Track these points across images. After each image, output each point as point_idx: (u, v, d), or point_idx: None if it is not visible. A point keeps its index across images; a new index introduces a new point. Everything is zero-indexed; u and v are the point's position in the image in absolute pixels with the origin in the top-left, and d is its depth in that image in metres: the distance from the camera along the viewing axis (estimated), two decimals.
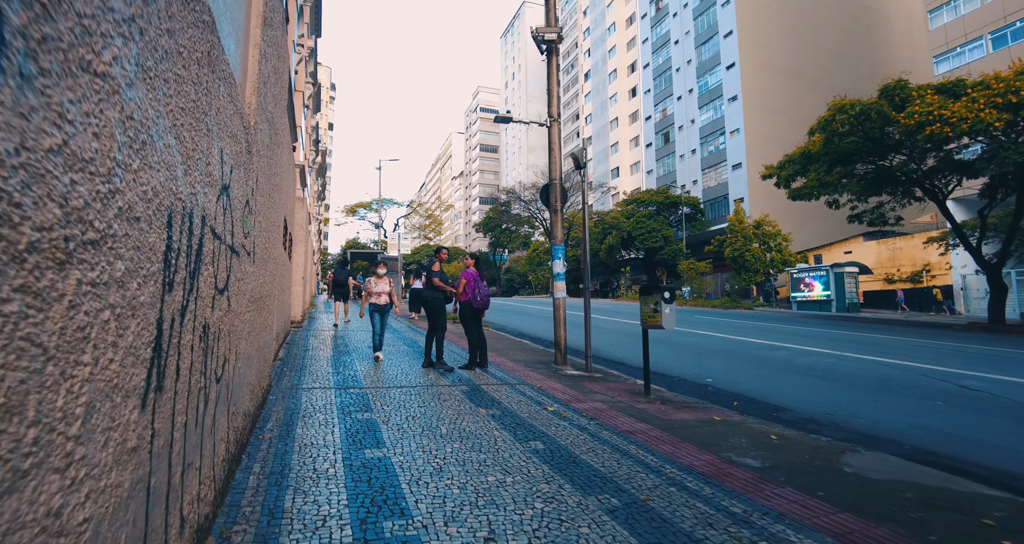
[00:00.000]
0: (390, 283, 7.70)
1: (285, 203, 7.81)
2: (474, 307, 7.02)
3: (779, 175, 18.24)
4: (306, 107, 14.73)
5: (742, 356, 9.44)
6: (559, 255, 7.95)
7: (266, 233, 4.40)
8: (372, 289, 7.51)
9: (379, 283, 7.55)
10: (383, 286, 7.57)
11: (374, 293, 7.49)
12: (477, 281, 7.07)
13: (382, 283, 7.58)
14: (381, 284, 7.56)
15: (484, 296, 7.12)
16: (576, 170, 7.73)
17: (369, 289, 7.54)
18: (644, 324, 6.14)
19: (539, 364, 7.85)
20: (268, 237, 4.57)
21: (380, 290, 7.52)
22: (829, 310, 30.72)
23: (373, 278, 7.66)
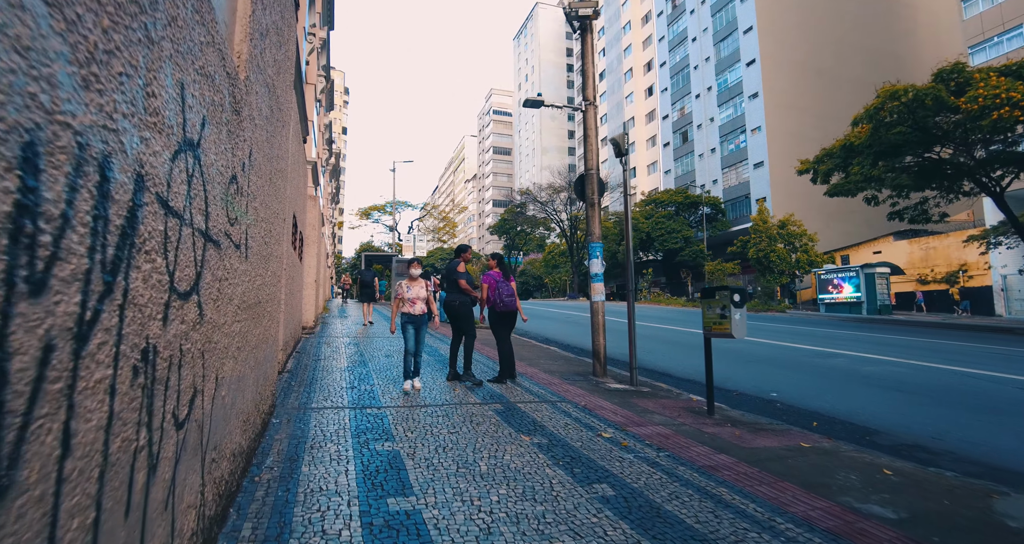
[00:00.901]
0: (427, 287, 5.97)
1: (294, 198, 7.08)
2: (497, 311, 6.33)
3: (816, 170, 17.20)
4: (318, 102, 14.10)
5: (797, 365, 8.51)
6: (597, 253, 7.11)
7: (267, 224, 3.63)
8: (404, 294, 5.84)
9: (413, 287, 5.88)
10: (418, 290, 5.87)
11: (406, 300, 5.81)
12: (499, 282, 6.39)
13: (416, 287, 5.89)
14: (415, 288, 5.87)
15: (507, 296, 6.34)
16: (617, 158, 6.89)
17: (401, 294, 5.88)
18: (707, 332, 5.27)
19: (576, 376, 7.01)
20: (270, 230, 3.80)
21: (414, 296, 5.82)
22: (859, 312, 29.43)
23: (405, 281, 5.93)
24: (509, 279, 6.44)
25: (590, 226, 7.22)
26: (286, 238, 5.97)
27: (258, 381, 3.47)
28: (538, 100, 7.48)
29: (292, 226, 7.21)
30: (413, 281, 5.93)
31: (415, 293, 5.86)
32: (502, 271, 6.45)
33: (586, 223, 7.27)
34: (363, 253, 30.94)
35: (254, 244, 3.11)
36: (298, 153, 7.35)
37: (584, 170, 7.40)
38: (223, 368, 2.33)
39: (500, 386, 6.03)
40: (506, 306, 6.32)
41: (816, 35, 46.46)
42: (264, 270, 3.59)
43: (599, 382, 6.61)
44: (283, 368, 6.28)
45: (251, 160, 2.89)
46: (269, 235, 3.80)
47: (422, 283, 5.96)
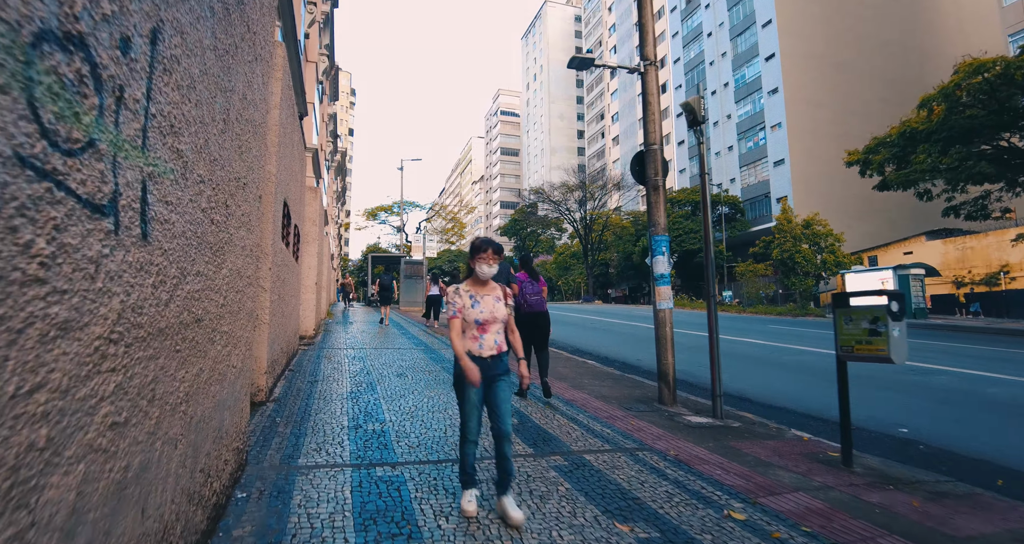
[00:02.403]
0: (507, 296, 2.98)
1: (285, 181, 5.69)
2: (522, 313, 5.68)
3: (869, 161, 15.66)
4: (320, 83, 12.77)
5: (897, 384, 7.02)
6: (663, 249, 5.68)
7: (218, 193, 2.23)
8: (466, 311, 2.81)
9: (482, 298, 2.87)
10: (492, 305, 2.87)
11: (472, 322, 2.81)
12: (524, 283, 5.84)
13: (489, 297, 2.89)
14: (487, 300, 2.87)
15: (532, 295, 5.74)
16: (690, 129, 5.46)
17: (459, 311, 2.81)
18: (844, 354, 3.83)
19: (638, 403, 5.56)
20: (226, 205, 2.40)
21: (487, 316, 2.83)
22: None
23: (465, 286, 2.92)
24: (538, 280, 5.86)
25: (653, 215, 5.78)
26: (267, 226, 4.57)
27: (196, 452, 2.05)
28: (587, 58, 6.06)
29: (283, 216, 5.82)
30: (481, 286, 2.90)
31: (488, 310, 2.82)
32: (529, 273, 5.87)
33: (647, 211, 5.84)
34: (369, 255, 29.62)
35: (179, 219, 1.70)
36: (290, 125, 5.97)
37: (644, 146, 5.97)
38: (52, 482, 0.92)
39: (545, 417, 4.59)
40: (531, 307, 5.71)
41: (836, 28, 44.81)
42: (212, 267, 2.18)
43: (673, 414, 5.15)
44: (268, 396, 4.86)
45: (161, 41, 1.48)
46: (225, 213, 2.39)
47: (499, 291, 2.94)
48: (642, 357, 9.27)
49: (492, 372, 2.78)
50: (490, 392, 2.80)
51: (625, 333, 13.87)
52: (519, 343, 3.02)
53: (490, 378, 2.78)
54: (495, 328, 2.83)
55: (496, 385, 2.81)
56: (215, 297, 2.26)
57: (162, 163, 1.54)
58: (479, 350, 2.77)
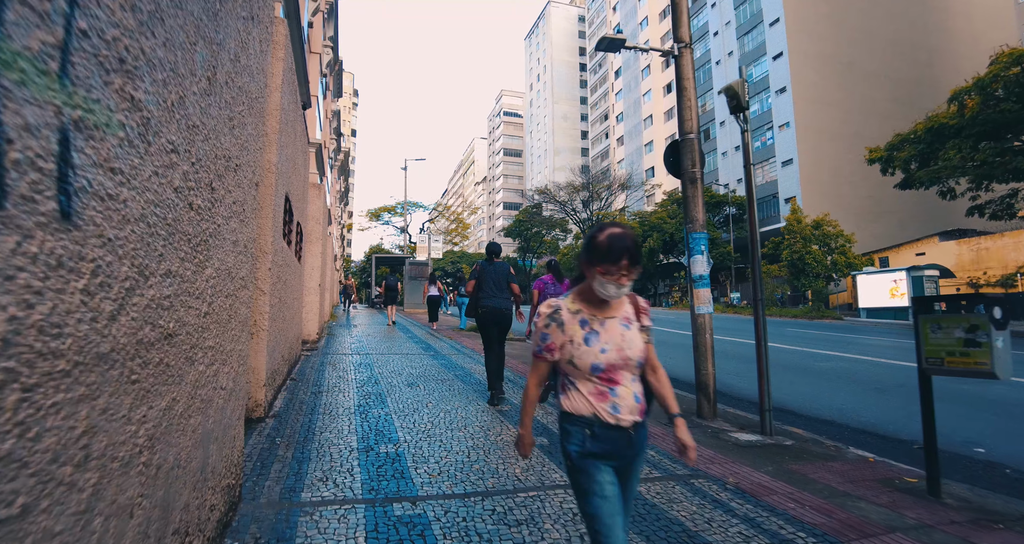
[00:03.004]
0: (641, 313, 1.74)
1: (287, 173, 5.20)
2: None
3: (892, 157, 15.12)
4: (323, 76, 12.29)
5: (947, 395, 6.48)
6: (702, 247, 5.17)
7: (202, 170, 1.74)
8: (580, 352, 1.61)
9: (607, 324, 1.65)
10: (622, 340, 1.64)
11: (590, 367, 1.60)
12: (548, 284, 5.93)
13: (615, 325, 1.66)
14: (613, 329, 1.65)
15: (554, 295, 5.59)
16: (733, 115, 4.95)
17: (555, 350, 1.66)
18: (931, 367, 3.31)
19: None
20: (210, 185, 1.90)
21: (621, 356, 1.62)
22: (905, 318, 27.20)
23: (574, 302, 1.69)
24: (562, 282, 5.90)
25: (690, 210, 5.27)
26: (267, 221, 4.07)
27: (167, 511, 1.55)
28: (618, 38, 5.55)
29: (285, 212, 5.33)
30: (602, 307, 1.68)
31: (616, 345, 1.63)
32: (554, 275, 5.95)
33: (684, 206, 5.32)
34: (373, 255, 29.15)
35: (135, 198, 1.21)
36: (293, 113, 5.48)
37: (679, 135, 5.47)
38: None
39: None
40: None
41: (845, 27, 44.24)
42: (191, 265, 1.68)
43: (717, 430, 4.64)
44: (267, 411, 4.36)
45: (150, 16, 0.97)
46: (210, 197, 1.89)
47: (628, 307, 1.74)
48: (664, 363, 8.74)
49: (633, 449, 1.63)
50: (621, 479, 1.66)
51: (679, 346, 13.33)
52: (669, 389, 1.79)
53: (627, 457, 1.64)
54: (630, 374, 1.64)
55: (632, 470, 1.69)
56: (196, 304, 1.76)
57: (102, 111, 1.04)
58: (613, 414, 1.58)
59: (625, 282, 1.58)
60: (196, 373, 1.80)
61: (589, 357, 1.59)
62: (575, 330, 1.63)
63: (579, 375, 1.62)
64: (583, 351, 1.60)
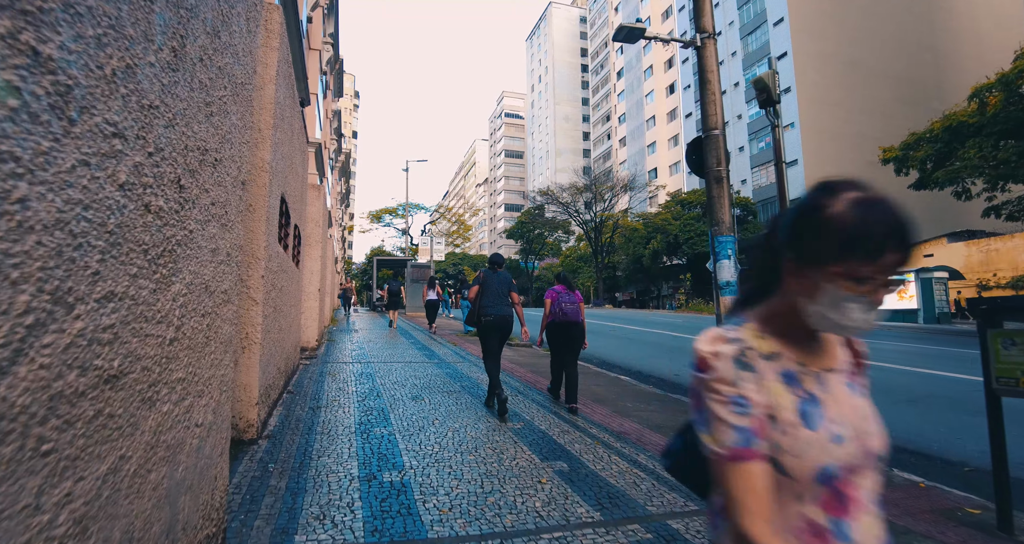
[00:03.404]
0: (859, 361, 0.98)
1: (282, 171, 4.87)
2: (556, 321, 5.53)
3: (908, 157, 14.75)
4: (323, 74, 11.95)
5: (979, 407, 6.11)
6: (729, 251, 4.81)
7: (158, 162, 1.38)
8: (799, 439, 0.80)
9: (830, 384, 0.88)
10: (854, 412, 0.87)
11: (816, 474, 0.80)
12: (560, 294, 5.63)
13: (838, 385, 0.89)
14: (839, 396, 0.87)
15: (568, 303, 5.53)
16: (763, 109, 4.60)
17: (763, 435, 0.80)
18: (1004, 388, 2.95)
19: None
20: (176, 183, 1.55)
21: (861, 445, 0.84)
22: (914, 320, 26.80)
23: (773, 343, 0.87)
24: (573, 291, 5.69)
25: (715, 211, 4.91)
26: (259, 225, 3.73)
27: None
28: (637, 28, 5.20)
29: (281, 215, 4.99)
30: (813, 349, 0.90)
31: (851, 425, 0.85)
32: (566, 285, 5.72)
33: (707, 207, 4.97)
34: (375, 258, 28.82)
35: (46, 196, 0.85)
36: (290, 109, 5.13)
37: (703, 131, 5.11)
38: None
39: (598, 458, 3.71)
40: (567, 315, 5.51)
41: (850, 27, 43.92)
42: (147, 283, 1.33)
43: None
44: (260, 431, 4.01)
45: None
46: (177, 198, 1.54)
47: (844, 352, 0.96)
48: (680, 372, 8.38)
49: None
50: None
51: (650, 342, 12.98)
52: None
53: None
54: (869, 486, 0.86)
55: None
56: (157, 330, 1.41)
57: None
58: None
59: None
60: (158, 416, 1.45)
61: (814, 450, 0.80)
62: (779, 394, 0.83)
63: (784, 489, 0.81)
64: (801, 438, 0.81)
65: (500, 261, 5.73)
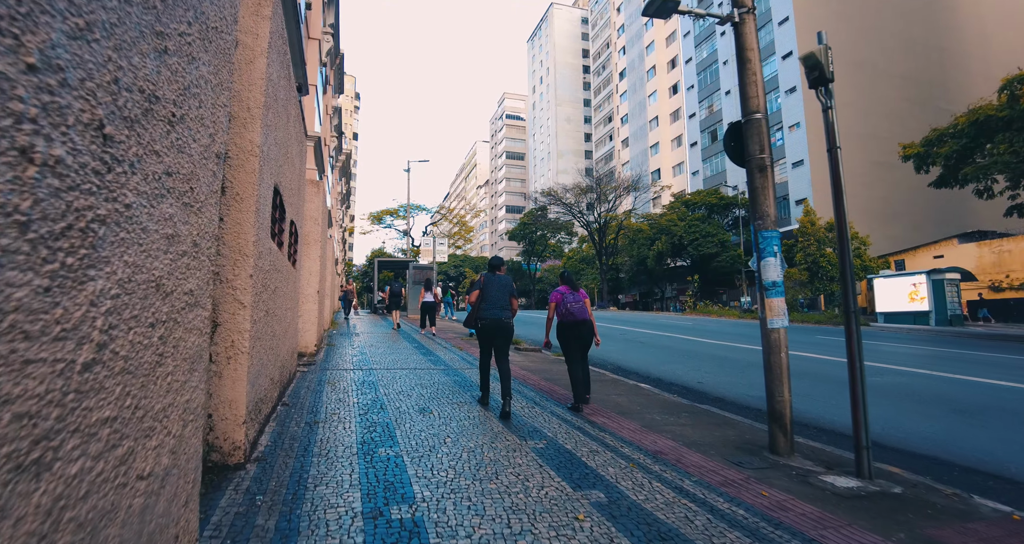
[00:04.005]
0: None
1: (276, 159, 4.38)
2: (565, 322, 5.55)
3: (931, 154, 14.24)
4: (323, 66, 11.45)
5: None
6: (775, 248, 4.30)
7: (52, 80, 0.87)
8: None
9: None
10: None
11: None
12: (566, 295, 5.61)
13: None
14: None
15: (573, 303, 5.54)
16: (814, 88, 4.10)
17: None
18: None
19: (741, 452, 4.19)
20: (97, 129, 1.03)
21: None
22: (926, 323, 26.28)
23: None
24: (577, 291, 5.68)
25: (759, 204, 4.41)
26: (248, 216, 3.23)
27: None
28: (670, 1, 4.70)
29: (275, 208, 4.49)
30: None
31: None
32: (569, 285, 5.70)
33: (751, 199, 4.46)
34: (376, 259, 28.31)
35: None
36: (284, 91, 4.63)
37: (743, 116, 4.61)
38: None
39: (637, 485, 3.20)
40: (573, 315, 5.51)
41: (857, 26, 43.46)
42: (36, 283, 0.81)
43: (804, 473, 3.76)
44: (249, 454, 3.49)
45: None
46: (106, 154, 1.03)
47: None
48: (703, 380, 7.87)
49: None
50: None
51: (664, 346, 12.45)
52: None
53: None
54: None
55: None
56: (53, 352, 0.90)
57: None
58: None
59: None
60: (60, 483, 0.94)
61: None
62: None
63: None
64: None
65: (499, 264, 5.74)
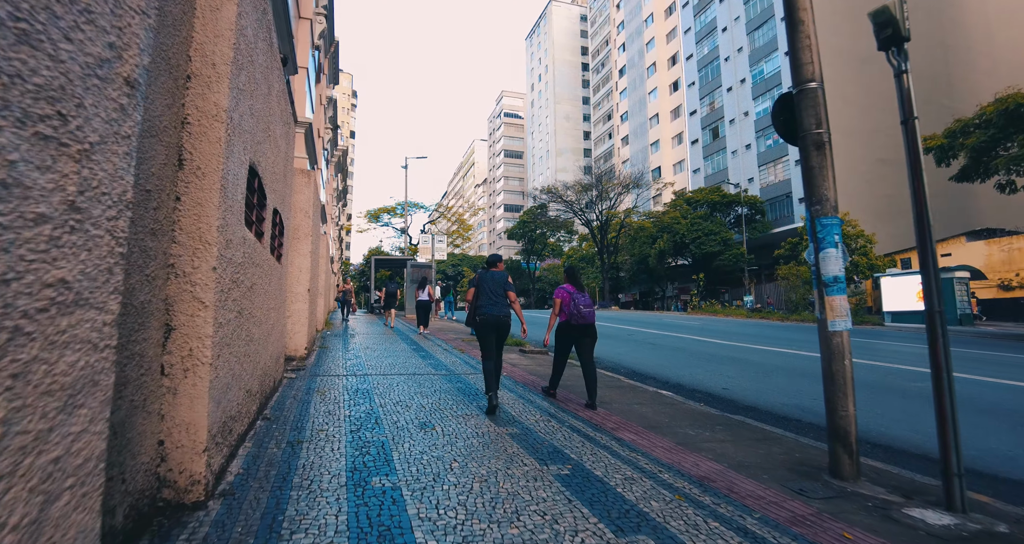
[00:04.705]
0: None
1: (252, 132, 3.73)
2: (573, 324, 5.45)
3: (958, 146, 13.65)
4: (316, 49, 10.79)
5: None
6: (834, 237, 3.68)
7: None
8: None
9: None
10: None
11: None
12: (574, 294, 5.51)
13: None
14: None
15: (585, 306, 5.43)
16: (885, 49, 3.47)
17: None
18: None
19: (797, 475, 3.57)
20: None
21: None
22: None
23: None
24: (584, 292, 5.58)
25: (816, 186, 3.78)
26: (212, 195, 2.60)
27: None
28: None
29: (252, 191, 3.85)
30: None
31: None
32: (575, 285, 5.59)
33: (805, 179, 3.83)
34: (373, 257, 27.64)
35: None
36: (263, 52, 3.98)
37: (794, 86, 3.99)
38: None
39: (690, 527, 2.57)
40: (584, 318, 5.41)
41: (861, 22, 42.79)
42: None
43: (882, 505, 3.13)
44: (213, 487, 2.85)
45: None
46: None
47: None
48: (728, 386, 7.24)
49: None
50: None
51: (675, 348, 11.83)
52: None
53: None
54: None
55: None
56: None
57: None
58: None
59: None
60: None
61: None
62: None
63: None
64: None
65: (495, 261, 5.69)
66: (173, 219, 2.68)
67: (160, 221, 2.51)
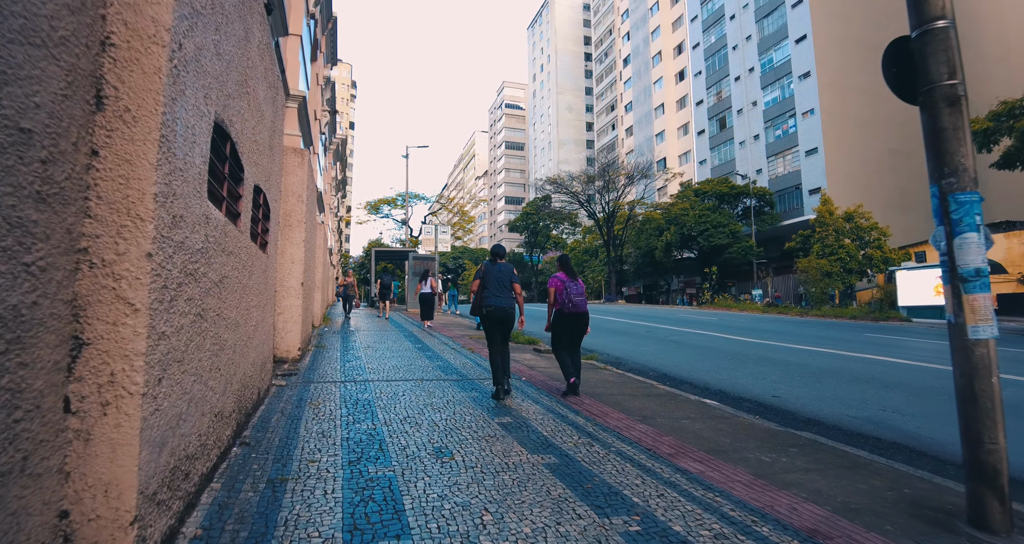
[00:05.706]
0: None
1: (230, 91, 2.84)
2: (566, 313, 5.50)
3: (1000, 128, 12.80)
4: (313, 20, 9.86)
5: None
6: (974, 218, 2.83)
7: None
8: None
9: None
10: None
11: None
12: (567, 283, 5.54)
13: None
14: None
15: (576, 296, 5.50)
16: None
17: None
18: None
19: (919, 522, 2.74)
20: None
21: None
22: None
23: None
24: (577, 280, 5.63)
25: (948, 153, 2.92)
26: (150, 148, 1.68)
27: None
28: None
29: (224, 159, 2.99)
30: None
31: None
32: (568, 273, 5.64)
33: (930, 148, 2.98)
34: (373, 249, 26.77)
35: None
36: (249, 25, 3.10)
37: (914, 27, 3.12)
38: None
39: None
40: (576, 307, 5.50)
41: (873, 8, 41.73)
42: None
43: None
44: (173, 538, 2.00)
45: None
46: None
47: None
48: (778, 393, 6.40)
49: None
50: None
51: (703, 347, 10.98)
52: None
53: None
54: None
55: None
56: None
57: None
58: None
59: None
60: None
61: None
62: None
63: None
64: None
65: (501, 253, 5.70)
66: (84, 182, 1.82)
67: (57, 182, 1.66)
